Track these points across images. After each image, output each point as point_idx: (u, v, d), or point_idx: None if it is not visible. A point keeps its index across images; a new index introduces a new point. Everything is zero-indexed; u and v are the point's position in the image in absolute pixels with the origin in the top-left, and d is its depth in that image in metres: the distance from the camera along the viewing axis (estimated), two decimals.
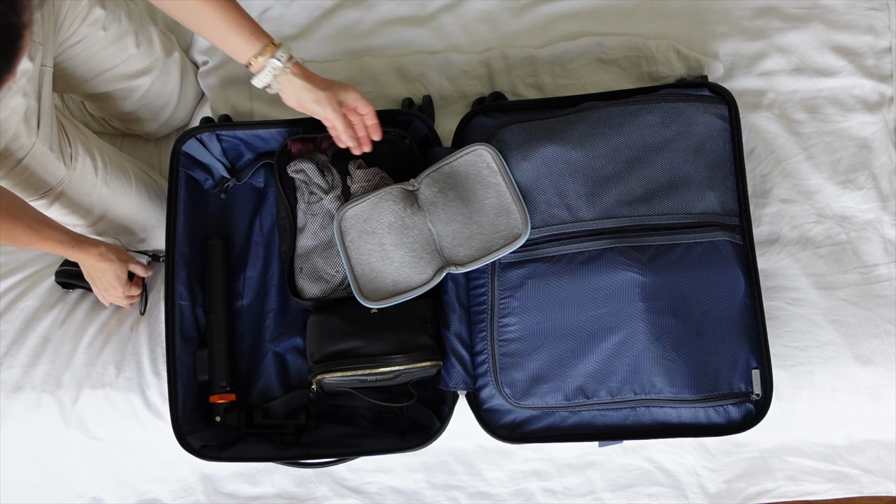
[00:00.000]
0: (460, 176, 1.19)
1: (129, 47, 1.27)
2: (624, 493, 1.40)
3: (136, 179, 1.33)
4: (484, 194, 1.18)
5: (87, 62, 1.24)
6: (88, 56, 1.23)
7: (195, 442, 1.20)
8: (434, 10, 1.48)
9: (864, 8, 1.42)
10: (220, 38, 1.03)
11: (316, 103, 1.09)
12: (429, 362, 1.16)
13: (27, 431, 1.31)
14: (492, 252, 1.16)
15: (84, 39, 1.20)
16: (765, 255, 1.31)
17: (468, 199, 1.19)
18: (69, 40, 1.19)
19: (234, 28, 1.01)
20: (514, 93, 1.42)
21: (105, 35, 1.22)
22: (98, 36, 1.21)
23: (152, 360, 1.30)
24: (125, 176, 1.30)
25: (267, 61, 1.04)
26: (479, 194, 1.19)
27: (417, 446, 1.19)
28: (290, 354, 1.29)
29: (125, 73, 1.30)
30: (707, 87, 1.26)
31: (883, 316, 1.28)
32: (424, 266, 1.18)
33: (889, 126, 1.37)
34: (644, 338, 1.13)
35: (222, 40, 1.03)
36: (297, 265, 1.24)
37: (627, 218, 1.17)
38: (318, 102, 1.09)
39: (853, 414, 1.30)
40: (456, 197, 1.19)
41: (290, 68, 1.06)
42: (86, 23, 1.18)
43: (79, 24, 1.18)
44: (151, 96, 1.36)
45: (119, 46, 1.25)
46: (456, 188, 1.19)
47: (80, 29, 1.18)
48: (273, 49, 1.04)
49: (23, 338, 1.34)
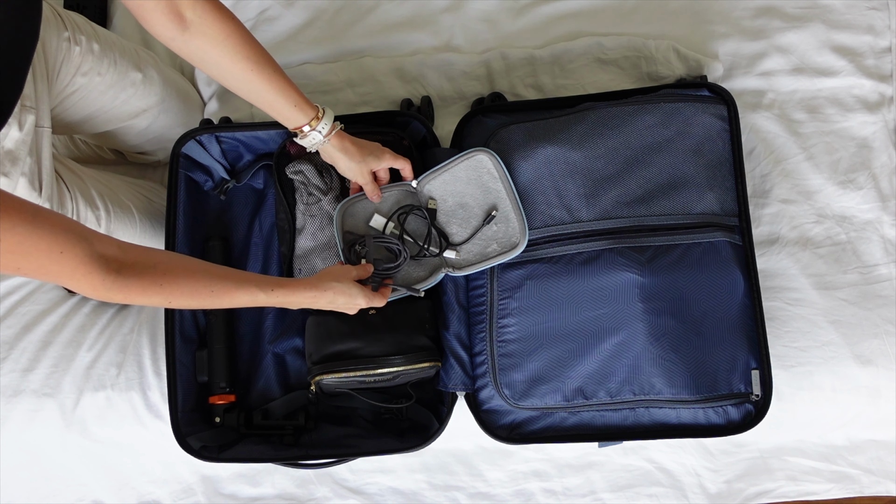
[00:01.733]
0: (461, 180, 1.19)
1: (126, 87, 1.26)
2: (624, 494, 1.40)
3: (138, 212, 1.32)
4: (484, 200, 1.19)
5: (85, 108, 1.23)
6: (87, 103, 1.22)
7: (195, 443, 1.20)
8: (434, 10, 1.48)
9: (864, 8, 1.42)
10: (266, 106, 1.06)
11: (348, 170, 1.16)
12: (427, 363, 1.16)
13: (28, 435, 1.32)
14: (488, 259, 1.17)
15: (80, 88, 1.19)
16: (764, 256, 1.31)
17: (467, 204, 1.19)
18: (64, 91, 1.18)
19: (280, 99, 1.05)
20: (514, 93, 1.42)
21: (101, 80, 1.21)
22: (94, 83, 1.20)
23: (154, 361, 1.30)
24: (127, 214, 1.30)
25: (310, 133, 1.09)
26: (479, 199, 1.19)
27: (416, 447, 1.19)
28: (289, 355, 1.29)
29: (126, 112, 1.29)
30: (706, 87, 1.26)
31: (883, 316, 1.28)
32: (421, 266, 1.19)
33: (889, 126, 1.37)
34: (643, 338, 1.13)
35: (269, 109, 1.07)
36: (295, 266, 1.25)
37: (626, 218, 1.17)
38: (350, 170, 1.16)
39: (853, 414, 1.29)
40: (455, 201, 1.19)
41: (330, 140, 1.11)
42: (80, 72, 1.17)
43: (73, 75, 1.17)
44: (156, 130, 1.35)
45: (117, 89, 1.24)
46: (456, 192, 1.20)
47: (74, 79, 1.17)
48: (317, 121, 1.08)
49: (24, 342, 1.34)
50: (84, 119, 1.25)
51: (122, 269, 0.85)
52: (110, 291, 0.85)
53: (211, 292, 0.95)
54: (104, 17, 1.55)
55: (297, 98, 1.06)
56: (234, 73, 1.00)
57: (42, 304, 1.38)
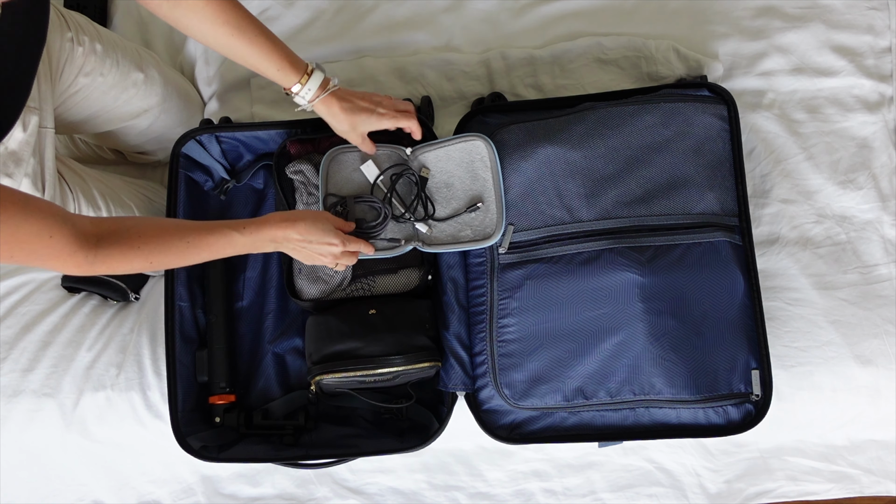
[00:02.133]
0: (453, 160, 1.20)
1: (128, 88, 1.26)
2: (624, 494, 1.40)
3: (139, 211, 1.33)
4: (470, 185, 1.19)
5: (87, 108, 1.24)
6: (89, 103, 1.23)
7: (195, 442, 1.20)
8: (434, 10, 1.48)
9: (864, 8, 1.42)
10: (254, 69, 1.07)
11: (340, 133, 1.16)
12: (427, 363, 1.16)
13: (28, 435, 1.32)
14: (460, 243, 1.18)
15: (83, 89, 1.20)
16: (764, 256, 1.31)
17: (453, 185, 1.20)
18: (67, 91, 1.18)
19: (264, 63, 1.05)
20: (514, 93, 1.42)
21: (104, 81, 1.22)
22: (97, 83, 1.21)
23: (153, 360, 1.30)
24: (128, 214, 1.30)
25: (296, 97, 1.09)
26: (466, 183, 1.19)
27: (416, 447, 1.19)
28: (289, 355, 1.29)
29: (128, 112, 1.29)
30: (706, 87, 1.26)
31: (883, 316, 1.28)
32: (396, 230, 1.20)
33: (889, 126, 1.37)
34: (643, 338, 1.13)
35: (257, 71, 1.07)
36: (295, 266, 1.24)
37: (626, 218, 1.17)
38: (341, 133, 1.16)
39: (853, 414, 1.29)
40: (442, 179, 1.20)
41: (315, 106, 1.10)
42: (83, 72, 1.18)
43: (76, 75, 1.17)
44: (157, 130, 1.36)
45: (119, 89, 1.25)
46: (445, 170, 1.20)
47: (77, 79, 1.18)
48: (306, 79, 1.08)
49: (24, 342, 1.34)
50: (86, 119, 1.25)
51: (101, 241, 0.88)
52: (94, 265, 0.88)
53: (187, 244, 0.96)
54: (104, 17, 1.55)
55: (280, 62, 1.06)
56: (216, 38, 1.02)
57: (42, 304, 1.38)
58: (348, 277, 1.22)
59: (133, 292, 1.37)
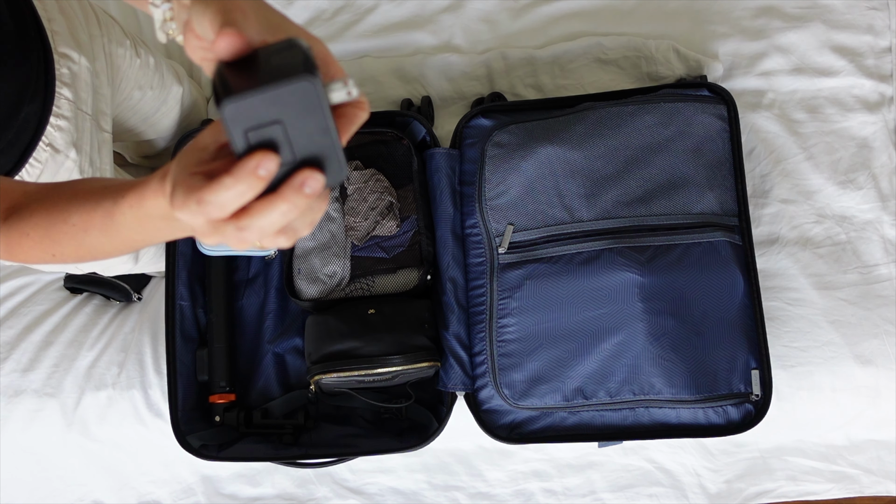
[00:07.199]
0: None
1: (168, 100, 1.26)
2: (624, 494, 1.40)
3: None
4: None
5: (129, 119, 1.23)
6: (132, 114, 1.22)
7: (194, 441, 1.20)
8: (434, 10, 1.48)
9: (864, 7, 1.42)
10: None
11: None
12: (426, 363, 1.16)
13: (29, 435, 1.32)
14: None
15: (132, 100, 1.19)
16: (764, 256, 1.31)
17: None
18: (123, 104, 1.17)
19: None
20: (514, 93, 1.42)
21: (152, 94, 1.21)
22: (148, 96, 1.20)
23: (155, 359, 1.30)
24: None
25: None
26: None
27: (415, 447, 1.19)
28: (289, 355, 1.29)
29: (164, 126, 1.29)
30: (706, 87, 1.25)
31: (883, 316, 1.28)
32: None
33: (889, 126, 1.37)
34: (643, 338, 1.13)
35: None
36: (295, 266, 1.25)
37: (626, 218, 1.17)
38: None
39: (853, 414, 1.29)
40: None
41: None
42: (136, 85, 1.16)
43: (131, 88, 1.16)
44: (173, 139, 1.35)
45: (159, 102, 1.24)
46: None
47: (131, 92, 1.17)
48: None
49: (25, 342, 1.34)
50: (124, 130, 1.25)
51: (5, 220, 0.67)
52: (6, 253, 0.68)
53: (73, 226, 0.63)
54: None
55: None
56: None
57: (43, 304, 1.38)
58: (347, 278, 1.22)
59: (136, 292, 1.37)
